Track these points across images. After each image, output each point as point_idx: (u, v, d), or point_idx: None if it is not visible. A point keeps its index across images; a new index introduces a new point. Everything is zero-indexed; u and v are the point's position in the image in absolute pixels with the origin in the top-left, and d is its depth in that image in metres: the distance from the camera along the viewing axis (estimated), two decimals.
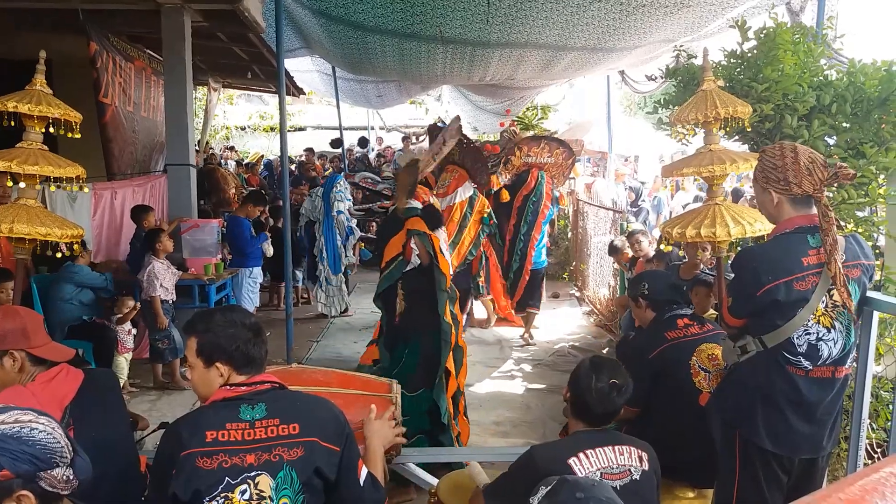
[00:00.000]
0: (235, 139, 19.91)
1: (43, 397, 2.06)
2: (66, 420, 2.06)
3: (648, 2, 5.70)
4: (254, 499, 1.73)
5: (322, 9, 7.04)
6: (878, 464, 1.05)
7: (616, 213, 8.10)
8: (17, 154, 2.87)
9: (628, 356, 3.33)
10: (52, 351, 2.22)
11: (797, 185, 2.29)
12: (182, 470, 1.73)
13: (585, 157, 15.08)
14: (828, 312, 2.28)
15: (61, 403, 2.08)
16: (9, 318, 2.19)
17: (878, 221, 3.66)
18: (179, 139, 6.64)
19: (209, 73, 11.16)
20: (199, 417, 1.84)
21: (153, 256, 5.53)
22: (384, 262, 4.01)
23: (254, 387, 1.87)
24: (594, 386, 2.13)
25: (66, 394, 2.11)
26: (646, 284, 3.29)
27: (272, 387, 1.89)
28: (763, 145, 3.72)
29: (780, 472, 2.38)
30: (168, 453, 1.78)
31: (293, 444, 1.79)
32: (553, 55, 7.77)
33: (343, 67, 10.65)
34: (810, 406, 2.32)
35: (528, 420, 5.11)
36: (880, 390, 3.36)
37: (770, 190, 2.35)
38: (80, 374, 2.21)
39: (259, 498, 1.74)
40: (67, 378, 2.17)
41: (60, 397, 2.10)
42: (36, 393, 2.08)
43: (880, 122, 3.52)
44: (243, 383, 1.87)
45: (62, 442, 1.43)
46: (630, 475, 2.07)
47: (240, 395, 1.85)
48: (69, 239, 2.98)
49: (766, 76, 3.60)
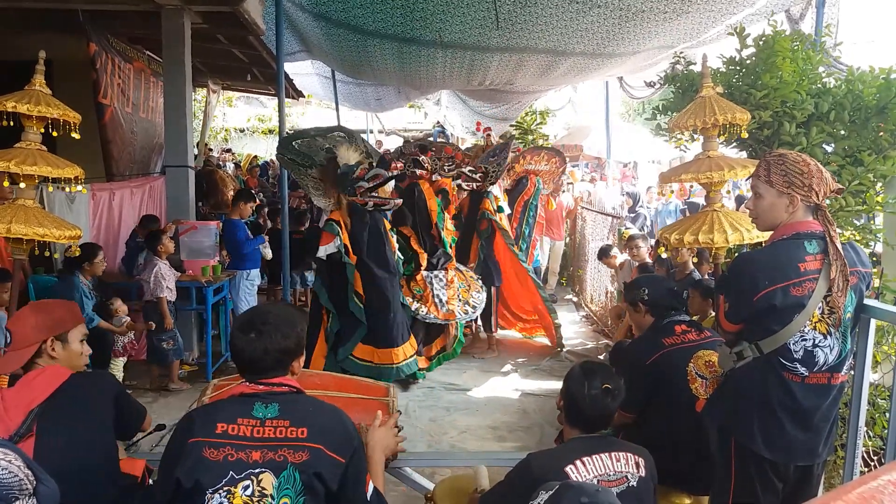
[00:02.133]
0: (234, 141, 19.91)
1: (10, 400, 2.13)
2: (29, 423, 2.10)
3: (647, 8, 5.72)
4: (255, 496, 1.74)
5: (322, 12, 7.06)
6: (876, 472, 1.04)
7: (614, 219, 8.11)
8: (16, 154, 2.87)
9: (625, 362, 3.33)
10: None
11: (817, 194, 2.32)
12: (188, 457, 1.77)
13: (584, 162, 15.13)
14: (824, 319, 2.29)
15: (28, 406, 2.13)
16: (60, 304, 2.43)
17: (875, 229, 3.66)
18: (178, 141, 6.63)
19: (208, 75, 11.16)
20: (214, 408, 1.89)
21: (156, 257, 5.52)
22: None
23: (272, 387, 1.89)
24: (587, 391, 2.13)
25: (36, 396, 2.15)
26: (646, 289, 3.28)
27: (290, 390, 1.91)
28: (761, 152, 3.74)
29: (775, 479, 2.38)
30: (179, 438, 1.82)
31: (299, 447, 1.80)
32: (552, 60, 7.79)
33: (342, 71, 10.67)
34: (806, 413, 2.32)
35: (525, 425, 5.10)
36: (877, 398, 3.36)
37: (793, 194, 2.35)
38: (63, 375, 2.24)
39: (261, 495, 1.75)
40: (46, 379, 2.20)
41: (29, 400, 2.14)
42: (5, 398, 2.15)
43: (878, 130, 3.53)
44: (262, 382, 1.89)
45: (20, 474, 1.40)
46: (627, 482, 2.06)
47: (256, 393, 1.88)
48: (67, 240, 2.98)
49: (764, 83, 3.61)
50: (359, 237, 4.23)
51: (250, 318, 1.93)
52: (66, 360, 2.32)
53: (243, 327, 1.91)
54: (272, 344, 1.88)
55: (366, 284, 4.23)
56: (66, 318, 2.35)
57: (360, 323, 4.20)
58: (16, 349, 2.27)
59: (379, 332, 4.31)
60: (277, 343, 1.89)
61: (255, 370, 1.90)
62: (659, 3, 5.60)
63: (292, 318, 1.96)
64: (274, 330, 1.89)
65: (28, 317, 2.32)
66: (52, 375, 2.22)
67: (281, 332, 1.90)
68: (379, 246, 4.26)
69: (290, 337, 1.92)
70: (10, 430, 2.08)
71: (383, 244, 4.29)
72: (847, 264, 2.28)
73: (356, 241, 4.23)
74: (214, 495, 1.75)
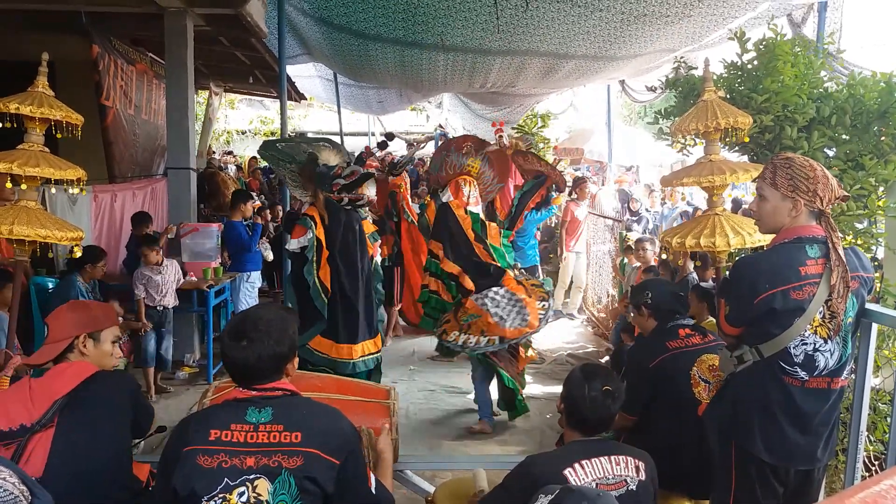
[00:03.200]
0: (236, 143, 19.92)
1: (37, 390, 2.20)
2: (51, 414, 2.14)
3: (650, 11, 5.73)
4: (251, 502, 1.74)
5: (324, 17, 7.07)
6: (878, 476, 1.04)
7: (615, 222, 8.12)
8: (18, 156, 2.87)
9: (628, 365, 3.33)
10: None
11: (822, 200, 2.32)
12: (184, 465, 1.76)
13: (585, 165, 15.12)
14: (825, 323, 2.28)
15: (53, 397, 2.18)
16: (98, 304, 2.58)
17: (876, 233, 3.66)
18: (180, 143, 6.64)
19: (211, 77, 11.18)
20: (208, 415, 1.88)
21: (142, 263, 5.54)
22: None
23: (265, 392, 1.87)
24: (587, 394, 2.13)
25: (61, 388, 2.20)
26: (649, 293, 3.28)
27: (283, 394, 1.89)
28: (763, 156, 3.74)
29: (775, 483, 2.37)
30: (174, 446, 1.82)
31: (293, 452, 1.78)
32: (554, 63, 7.80)
33: (344, 73, 10.70)
34: (806, 417, 2.32)
35: (526, 428, 5.10)
36: (878, 402, 3.35)
37: (797, 199, 2.35)
38: (89, 370, 2.28)
39: (256, 501, 1.74)
40: (74, 373, 2.25)
41: (54, 391, 2.20)
42: (33, 387, 2.21)
43: (880, 135, 3.53)
44: (255, 388, 1.88)
45: (15, 491, 1.41)
46: (626, 485, 2.06)
47: (250, 398, 1.86)
48: (69, 241, 2.98)
49: (766, 87, 3.61)
50: (333, 232, 4.27)
51: (240, 326, 1.88)
52: (97, 358, 2.38)
53: (233, 335, 1.87)
54: (265, 350, 1.84)
55: (332, 280, 4.25)
56: (101, 318, 2.44)
57: (321, 316, 4.24)
58: (51, 342, 2.34)
59: (340, 327, 4.32)
60: (270, 349, 1.85)
61: (249, 378, 1.88)
62: (661, 6, 5.61)
63: (283, 323, 1.91)
64: (266, 337, 1.85)
65: (66, 313, 2.40)
66: (80, 370, 2.26)
67: (273, 338, 1.86)
68: (350, 243, 4.30)
69: (283, 342, 1.88)
70: (33, 417, 2.13)
71: (354, 242, 4.33)
72: (849, 270, 2.28)
73: (330, 236, 4.27)
74: (210, 503, 1.74)
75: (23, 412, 2.13)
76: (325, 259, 4.26)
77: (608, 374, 2.22)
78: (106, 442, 2.22)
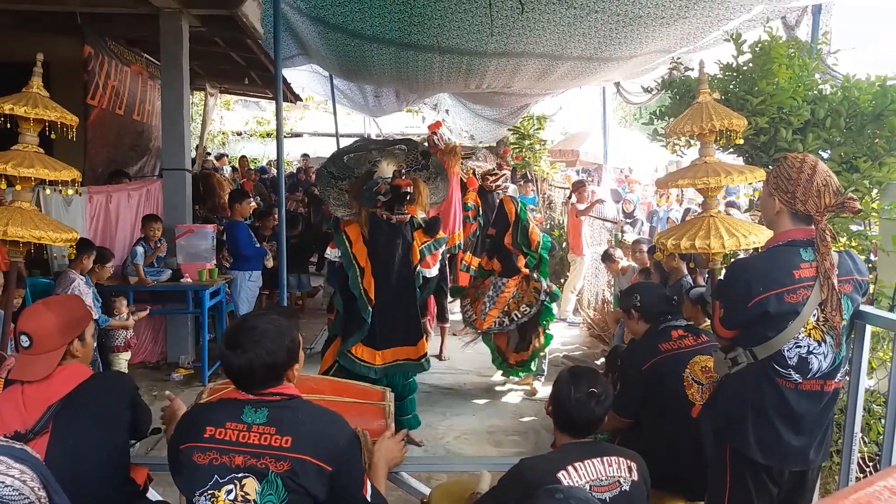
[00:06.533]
0: (231, 144, 19.85)
1: (29, 396, 2.13)
2: (46, 420, 2.08)
3: (645, 13, 5.74)
4: (238, 500, 1.75)
5: (320, 16, 7.07)
6: (871, 477, 1.05)
7: (612, 224, 8.13)
8: (13, 156, 2.86)
9: (621, 367, 3.33)
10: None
11: (801, 203, 2.30)
12: (183, 464, 1.81)
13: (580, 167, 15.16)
14: (819, 326, 2.29)
15: (47, 402, 2.12)
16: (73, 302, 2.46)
17: (871, 236, 3.67)
18: (175, 144, 6.62)
19: (206, 78, 11.16)
20: (206, 411, 1.90)
21: (71, 271, 4.94)
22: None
23: (263, 396, 1.87)
24: (573, 396, 2.13)
25: (55, 393, 2.14)
26: (638, 296, 3.29)
27: (282, 398, 1.88)
28: (758, 158, 3.75)
29: (770, 484, 2.38)
30: (173, 446, 1.87)
31: (281, 457, 1.78)
32: (549, 64, 7.81)
33: (340, 75, 10.68)
34: (800, 418, 2.32)
35: (521, 430, 5.10)
36: (872, 404, 3.36)
37: (775, 198, 2.36)
38: (84, 374, 2.23)
39: (244, 500, 1.75)
40: (68, 377, 2.18)
41: (48, 397, 2.13)
42: (26, 392, 2.14)
43: (874, 137, 3.54)
44: (255, 392, 1.88)
45: (32, 497, 1.38)
46: (619, 486, 2.06)
47: (248, 399, 1.87)
48: (63, 242, 2.97)
49: (760, 89, 3.62)
50: (375, 246, 4.25)
51: (236, 333, 1.86)
52: (85, 356, 2.32)
53: (229, 343, 1.85)
54: (258, 360, 1.82)
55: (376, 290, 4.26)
56: (83, 317, 2.32)
57: (364, 322, 4.22)
58: (41, 353, 2.16)
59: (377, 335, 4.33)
60: (262, 360, 1.82)
61: (245, 384, 1.88)
62: (656, 8, 5.62)
63: (279, 332, 1.87)
64: (258, 347, 1.82)
65: (48, 318, 2.19)
66: (74, 373, 2.20)
67: (265, 348, 1.82)
68: (389, 259, 4.27)
69: (277, 352, 1.85)
70: (27, 425, 2.07)
71: (393, 257, 4.28)
72: (843, 273, 2.28)
73: (373, 249, 4.25)
74: (200, 498, 1.77)
75: (16, 418, 2.08)
76: (370, 272, 4.25)
77: (595, 377, 2.21)
78: (103, 446, 2.17)
